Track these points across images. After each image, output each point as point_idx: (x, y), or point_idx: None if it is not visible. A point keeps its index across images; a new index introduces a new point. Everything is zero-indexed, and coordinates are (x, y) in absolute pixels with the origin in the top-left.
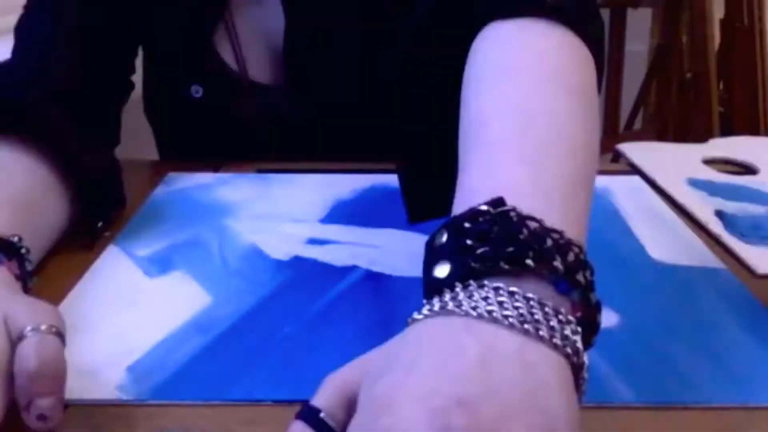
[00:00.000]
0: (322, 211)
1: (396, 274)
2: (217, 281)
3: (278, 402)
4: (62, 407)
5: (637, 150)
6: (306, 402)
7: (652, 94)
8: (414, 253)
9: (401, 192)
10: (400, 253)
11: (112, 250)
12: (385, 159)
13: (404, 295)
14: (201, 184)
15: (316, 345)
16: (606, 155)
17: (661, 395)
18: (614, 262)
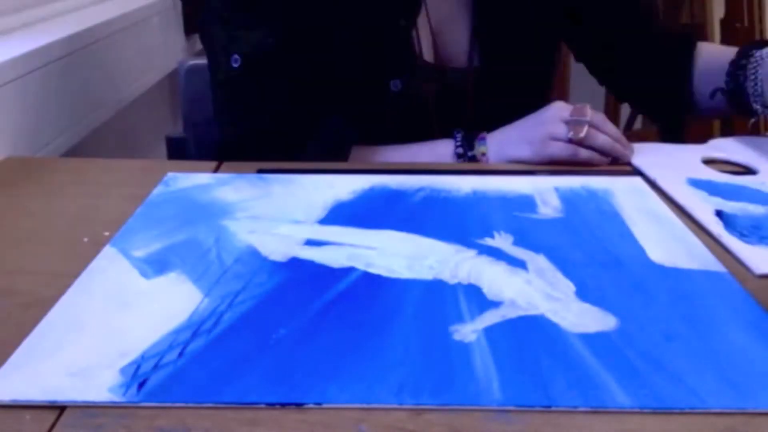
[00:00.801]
0: (321, 212)
1: (393, 276)
2: (214, 282)
3: (272, 405)
4: None
5: (637, 150)
6: None
7: None
8: (411, 255)
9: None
10: (398, 255)
11: (109, 251)
12: None
13: (401, 297)
14: (200, 184)
15: (313, 347)
16: None
17: (659, 400)
18: (613, 264)
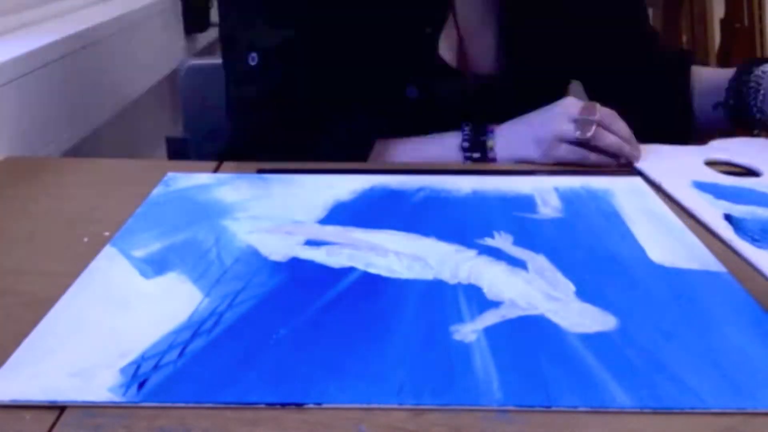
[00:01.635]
0: (322, 212)
1: (393, 276)
2: (214, 282)
3: (272, 405)
4: None
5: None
6: None
7: None
8: (411, 255)
9: None
10: (398, 255)
11: (109, 251)
12: None
13: (401, 297)
14: (200, 184)
15: (313, 347)
16: None
17: (659, 400)
18: (614, 265)
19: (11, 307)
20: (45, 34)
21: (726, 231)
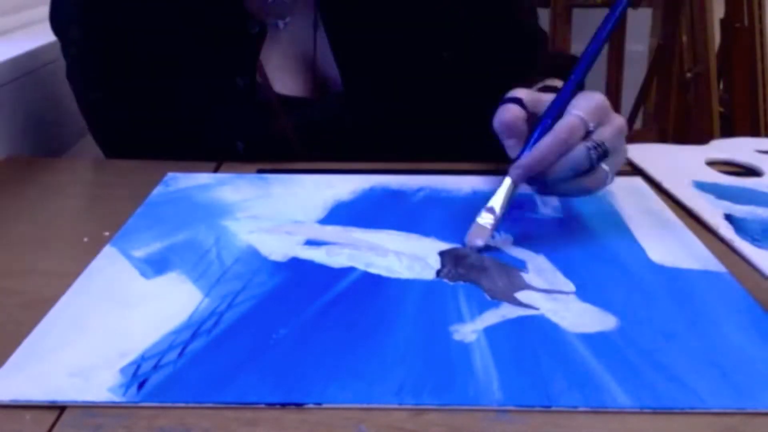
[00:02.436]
0: (322, 212)
1: (393, 276)
2: (214, 282)
3: (272, 405)
4: None
5: (638, 152)
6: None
7: (652, 94)
8: (412, 255)
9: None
10: (398, 255)
11: (109, 251)
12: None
13: (401, 297)
14: (200, 184)
15: (313, 347)
16: None
17: (659, 400)
18: (613, 264)
19: (11, 307)
20: (45, 34)
21: (727, 231)
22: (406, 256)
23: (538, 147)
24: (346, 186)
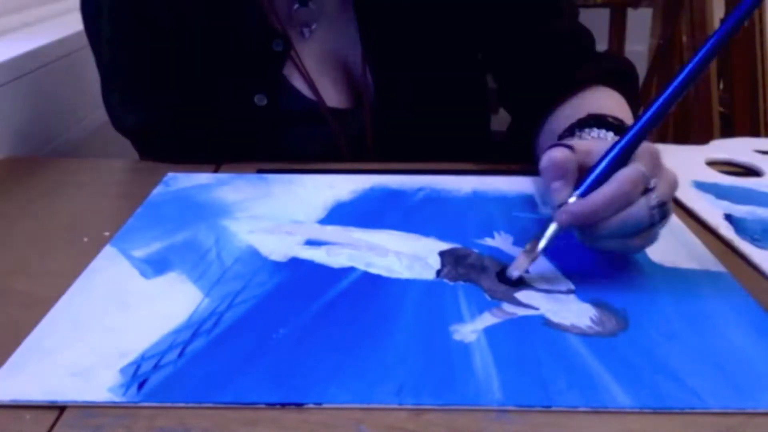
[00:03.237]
0: (321, 212)
1: (393, 276)
2: (214, 282)
3: (272, 405)
4: None
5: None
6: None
7: (652, 93)
8: (412, 255)
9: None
10: (398, 255)
11: (109, 251)
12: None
13: (401, 297)
14: (200, 184)
15: (313, 347)
16: None
17: (659, 400)
18: (614, 265)
19: (11, 307)
20: (45, 34)
21: (727, 231)
22: (406, 256)
23: (594, 196)
24: (346, 186)
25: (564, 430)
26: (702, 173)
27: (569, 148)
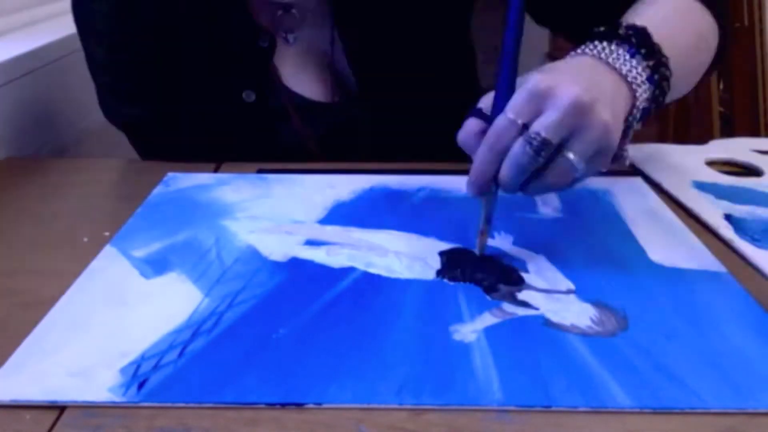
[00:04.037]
0: (321, 212)
1: (393, 276)
2: (214, 282)
3: (272, 405)
4: None
5: (638, 152)
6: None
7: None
8: (412, 255)
9: None
10: (398, 255)
11: (109, 251)
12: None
13: (401, 297)
14: (200, 184)
15: (313, 347)
16: None
17: (659, 400)
18: (614, 265)
19: (11, 307)
20: (45, 34)
21: (726, 231)
22: (406, 256)
23: (474, 161)
24: (346, 186)
25: (564, 430)
26: (702, 173)
27: (478, 112)
